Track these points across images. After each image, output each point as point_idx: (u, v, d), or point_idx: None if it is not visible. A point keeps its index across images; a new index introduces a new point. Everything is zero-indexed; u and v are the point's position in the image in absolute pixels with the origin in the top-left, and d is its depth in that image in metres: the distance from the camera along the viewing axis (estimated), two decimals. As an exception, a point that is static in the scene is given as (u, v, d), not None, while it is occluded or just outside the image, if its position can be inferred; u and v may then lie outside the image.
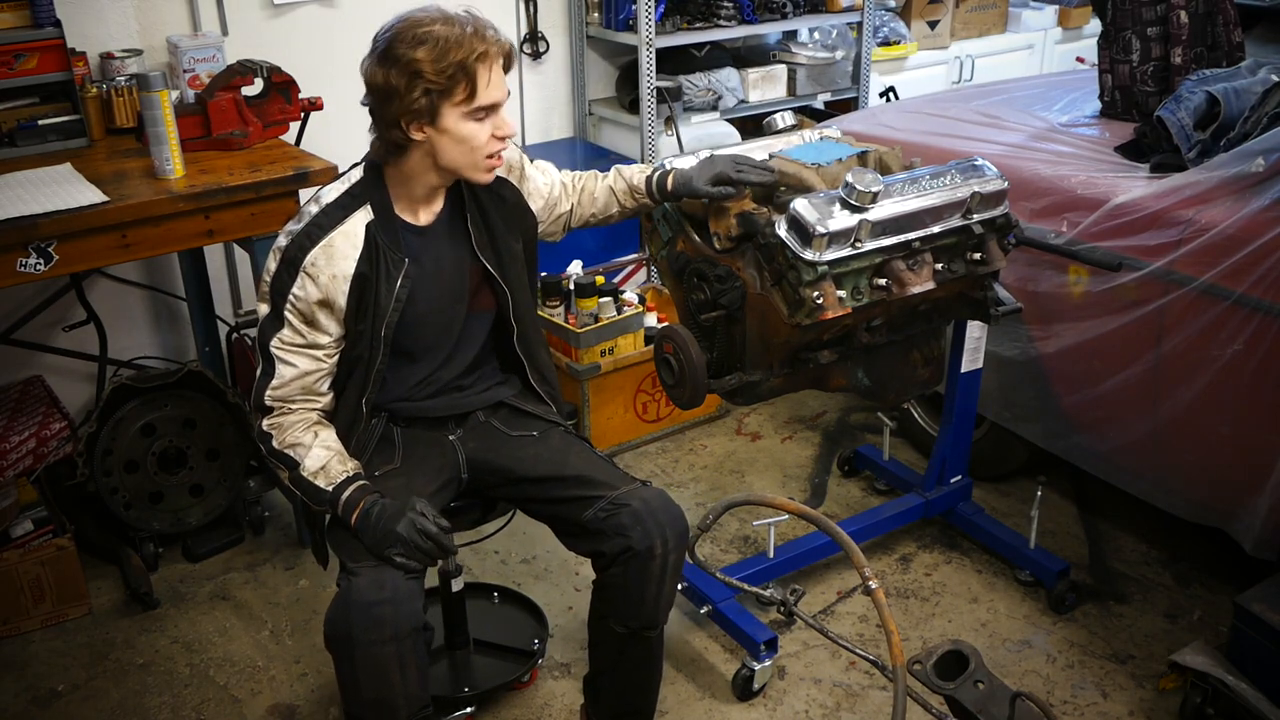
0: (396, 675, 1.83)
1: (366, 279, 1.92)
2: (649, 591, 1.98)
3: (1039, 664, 2.55)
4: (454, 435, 2.15)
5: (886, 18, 4.60)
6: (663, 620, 2.06)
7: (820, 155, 2.30)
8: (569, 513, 2.03)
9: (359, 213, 1.93)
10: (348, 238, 1.91)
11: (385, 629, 1.80)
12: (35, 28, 2.72)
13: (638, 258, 3.94)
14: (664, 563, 1.96)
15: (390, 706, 1.85)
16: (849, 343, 2.28)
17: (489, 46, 1.83)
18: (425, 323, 2.04)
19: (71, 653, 2.65)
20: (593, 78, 4.15)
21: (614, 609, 2.03)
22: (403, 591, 1.83)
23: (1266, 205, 2.22)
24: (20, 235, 2.30)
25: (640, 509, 1.96)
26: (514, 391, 2.22)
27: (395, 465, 2.07)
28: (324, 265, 1.90)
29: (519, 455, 2.11)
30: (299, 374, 1.94)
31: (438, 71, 1.80)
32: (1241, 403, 2.30)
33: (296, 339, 1.93)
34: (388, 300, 1.95)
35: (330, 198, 1.94)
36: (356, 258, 1.91)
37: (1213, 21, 2.93)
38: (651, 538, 1.94)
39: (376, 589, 1.81)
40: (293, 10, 3.44)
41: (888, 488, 3.18)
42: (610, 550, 1.97)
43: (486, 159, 1.91)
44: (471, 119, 1.86)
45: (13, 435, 2.85)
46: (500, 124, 1.90)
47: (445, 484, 2.10)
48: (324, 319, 1.93)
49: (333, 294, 1.91)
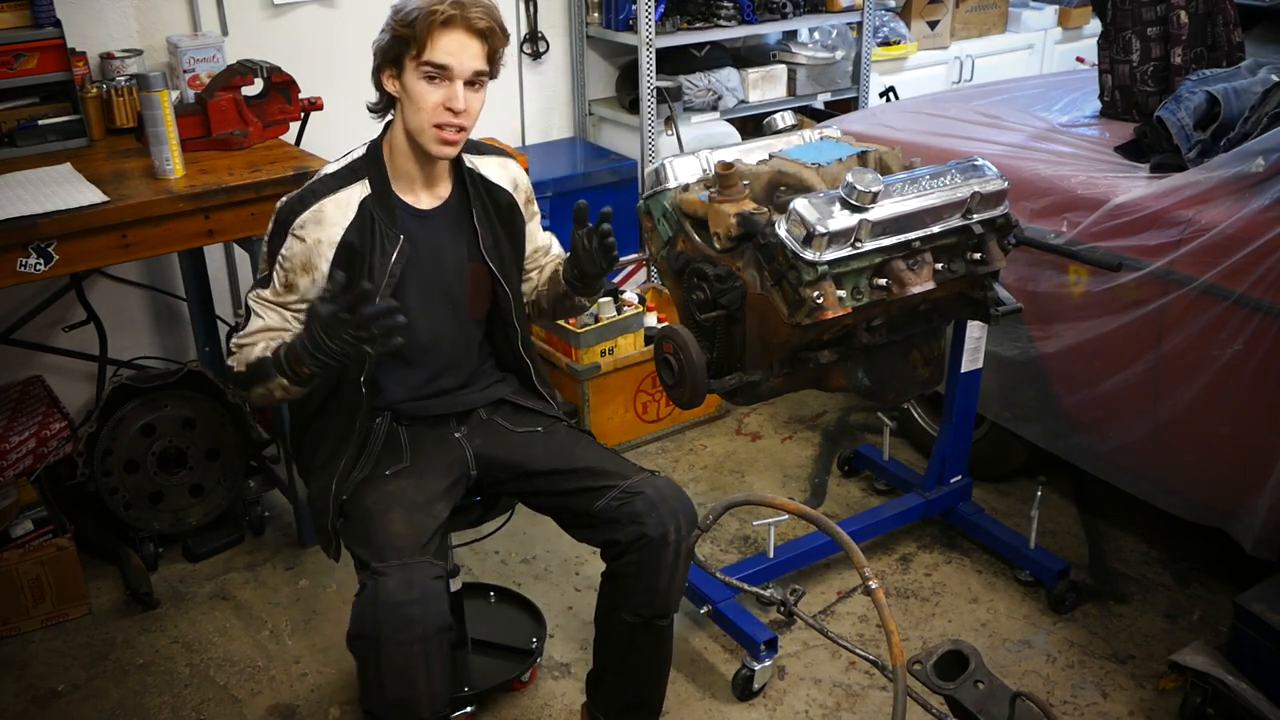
0: (422, 675, 1.83)
1: (355, 250, 1.95)
2: (662, 579, 2.00)
3: (1039, 664, 2.55)
4: (459, 433, 2.16)
5: (886, 18, 4.60)
6: (674, 608, 2.07)
7: (820, 155, 2.30)
8: (580, 504, 2.04)
9: (356, 186, 1.99)
10: (339, 206, 1.96)
11: (415, 628, 1.80)
12: (35, 28, 2.72)
13: (638, 258, 3.94)
14: (677, 549, 1.99)
15: (414, 706, 1.85)
16: (849, 343, 2.28)
17: (456, 11, 1.86)
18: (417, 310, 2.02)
19: (71, 653, 2.65)
20: (593, 78, 4.15)
21: (626, 598, 2.03)
22: (431, 591, 1.84)
23: (1266, 205, 2.22)
24: (20, 235, 2.30)
25: (654, 496, 1.99)
26: (512, 389, 2.23)
27: (405, 464, 2.08)
28: (311, 229, 1.95)
29: (527, 450, 2.13)
30: (264, 326, 1.99)
31: (400, 19, 1.89)
32: (1241, 403, 2.30)
33: (274, 297, 1.99)
34: (382, 275, 1.97)
35: (330, 169, 2.02)
36: (345, 225, 1.95)
37: (1213, 21, 2.93)
38: (665, 524, 1.97)
39: (405, 588, 1.82)
40: (293, 10, 3.44)
41: (888, 488, 3.18)
42: (625, 538, 1.98)
43: (434, 127, 1.92)
44: (424, 78, 1.90)
45: (13, 435, 2.85)
46: (451, 95, 1.89)
47: (455, 481, 2.11)
48: (303, 284, 1.96)
49: (315, 258, 1.95)
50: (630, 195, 3.85)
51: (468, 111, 1.93)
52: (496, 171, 2.13)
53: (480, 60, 1.91)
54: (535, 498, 2.15)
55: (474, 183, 2.09)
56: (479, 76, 1.93)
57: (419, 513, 1.96)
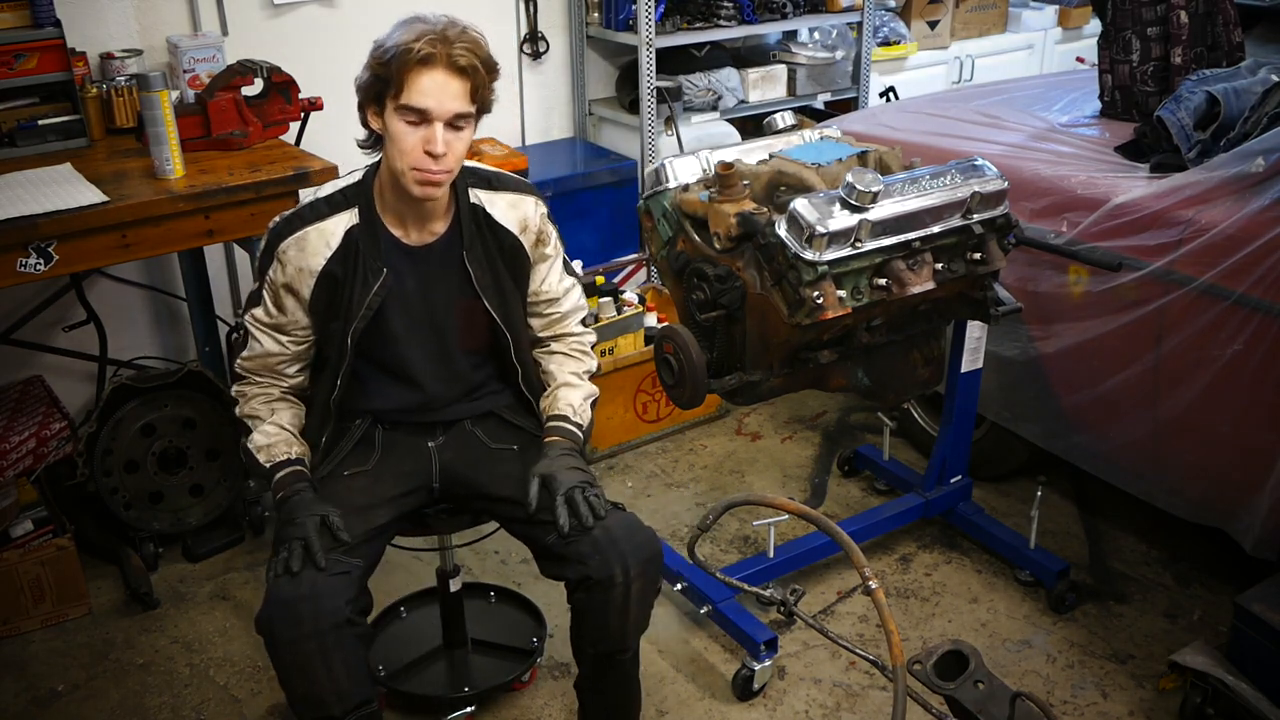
0: (321, 671, 1.81)
1: (335, 279, 1.95)
2: (612, 620, 1.94)
3: (1039, 664, 2.55)
4: (434, 442, 2.14)
5: (886, 18, 4.60)
6: (633, 645, 2.03)
7: (820, 155, 2.30)
8: (533, 535, 2.01)
9: (344, 214, 1.97)
10: (323, 235, 1.95)
11: (304, 625, 1.79)
12: (35, 28, 2.72)
13: (638, 258, 3.94)
14: (625, 591, 1.90)
15: (321, 703, 1.84)
16: (849, 343, 2.28)
17: (434, 49, 1.79)
18: (403, 342, 2.03)
19: (71, 653, 2.65)
20: (593, 78, 4.14)
21: (583, 632, 2.01)
22: (322, 587, 1.82)
23: (1266, 205, 2.21)
24: (20, 235, 2.30)
25: (599, 537, 1.91)
26: (506, 403, 2.19)
27: (366, 468, 2.07)
28: (294, 255, 1.95)
29: (492, 472, 2.09)
30: (263, 352, 2.02)
31: (377, 58, 1.84)
32: (1241, 403, 2.30)
33: (266, 318, 2.01)
34: (358, 306, 1.96)
35: (324, 193, 1.99)
36: (328, 256, 1.95)
37: (1213, 21, 2.93)
38: (610, 566, 1.89)
39: (294, 585, 1.82)
40: (293, 10, 3.44)
41: (888, 488, 3.18)
42: (572, 576, 1.94)
43: (413, 169, 1.86)
44: (402, 120, 1.84)
45: (13, 435, 2.84)
46: (430, 138, 1.83)
47: (411, 490, 2.09)
48: (290, 305, 1.98)
49: (298, 285, 1.96)
50: (630, 195, 3.86)
51: (449, 154, 1.85)
52: (505, 211, 2.04)
53: (461, 101, 1.83)
54: (499, 520, 2.13)
55: (475, 220, 2.02)
56: (460, 119, 1.85)
57: (353, 516, 1.95)
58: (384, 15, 1.91)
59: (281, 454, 1.98)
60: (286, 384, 2.06)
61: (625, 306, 3.43)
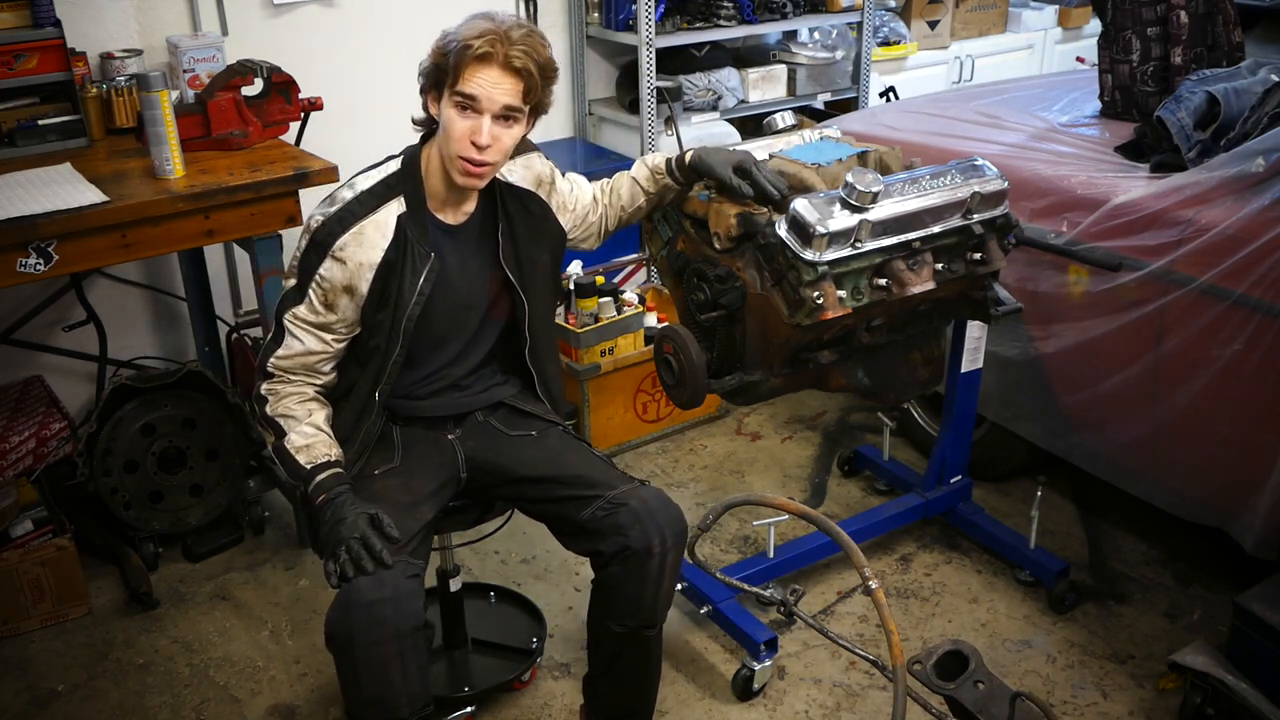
0: (398, 674, 1.83)
1: (391, 267, 1.96)
2: (646, 591, 1.98)
3: (1039, 664, 2.55)
4: (453, 435, 2.16)
5: (886, 18, 4.60)
6: (661, 619, 2.06)
7: (820, 155, 2.30)
8: (567, 512, 2.04)
9: (392, 203, 1.98)
10: (379, 227, 1.96)
11: (386, 628, 1.80)
12: (35, 28, 2.72)
13: (638, 258, 3.94)
14: (661, 562, 1.97)
15: (391, 705, 1.85)
16: (849, 343, 2.28)
17: (492, 50, 1.85)
18: (441, 321, 2.07)
19: (71, 653, 2.65)
20: (593, 78, 4.14)
21: (612, 609, 2.03)
22: (403, 590, 1.83)
23: (1266, 205, 2.22)
24: (20, 235, 2.30)
25: (638, 508, 1.97)
26: (514, 391, 2.23)
27: (394, 464, 2.08)
28: (353, 251, 1.95)
29: (517, 455, 2.12)
30: (304, 350, 1.99)
31: (440, 48, 1.91)
32: (1241, 403, 2.30)
33: (311, 317, 1.98)
34: (410, 293, 1.98)
35: (366, 185, 1.99)
36: (385, 247, 1.96)
37: (1213, 21, 2.93)
38: (649, 537, 1.95)
39: (377, 588, 1.81)
40: (293, 10, 3.44)
41: (888, 488, 3.18)
42: (608, 549, 1.97)
43: (459, 158, 1.91)
44: (455, 107, 1.89)
45: (13, 435, 2.85)
46: (477, 128, 1.88)
47: (444, 484, 2.11)
48: (344, 304, 1.97)
49: (357, 281, 1.95)
50: (630, 195, 3.85)
51: (494, 146, 1.90)
52: (521, 174, 2.11)
53: (513, 96, 1.89)
54: (525, 503, 2.15)
55: (503, 195, 2.08)
56: (511, 112, 1.90)
57: (403, 514, 1.96)
58: (384, 15, 1.92)
59: (322, 455, 1.96)
60: (321, 382, 2.04)
61: (625, 306, 3.43)
